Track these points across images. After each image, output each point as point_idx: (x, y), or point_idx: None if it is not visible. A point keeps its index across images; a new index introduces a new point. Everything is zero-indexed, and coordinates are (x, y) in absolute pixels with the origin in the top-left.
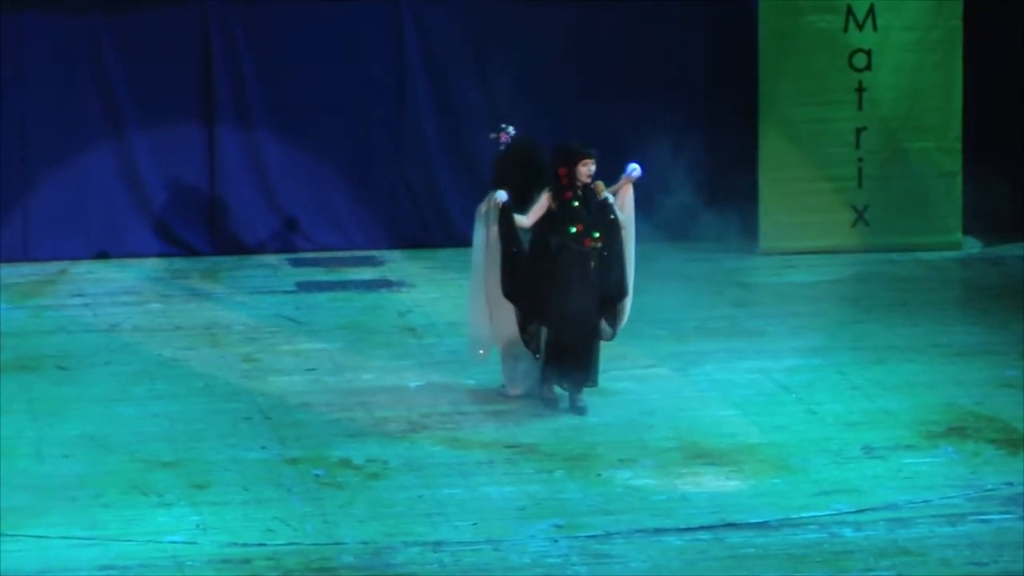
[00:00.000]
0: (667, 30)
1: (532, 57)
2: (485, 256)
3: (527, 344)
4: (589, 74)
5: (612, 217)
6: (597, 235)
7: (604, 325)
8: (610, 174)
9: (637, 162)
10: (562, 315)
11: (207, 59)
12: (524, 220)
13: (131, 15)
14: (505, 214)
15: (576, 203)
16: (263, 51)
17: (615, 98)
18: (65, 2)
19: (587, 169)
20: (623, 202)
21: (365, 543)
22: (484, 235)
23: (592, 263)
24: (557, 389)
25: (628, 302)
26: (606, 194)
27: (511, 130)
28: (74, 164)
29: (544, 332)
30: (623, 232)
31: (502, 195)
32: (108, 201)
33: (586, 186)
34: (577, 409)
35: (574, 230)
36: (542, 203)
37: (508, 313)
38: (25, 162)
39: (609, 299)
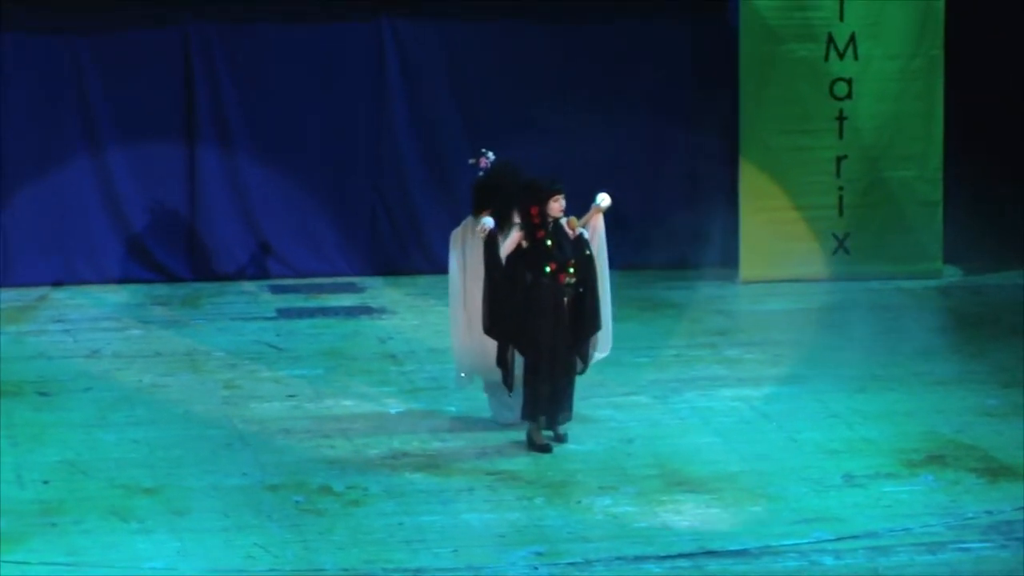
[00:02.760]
0: (648, 55)
1: (512, 81)
2: (461, 281)
3: (504, 380)
4: (569, 98)
5: (587, 253)
6: (572, 271)
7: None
8: (586, 199)
9: (606, 191)
10: (536, 351)
11: (188, 82)
12: (501, 252)
13: (112, 38)
14: (491, 242)
15: (549, 242)
16: (243, 74)
17: (595, 122)
18: (46, 24)
19: (558, 205)
20: (594, 232)
21: (345, 570)
22: (460, 260)
23: (566, 299)
24: (545, 432)
25: (608, 332)
26: (580, 229)
27: (491, 155)
28: (54, 189)
29: (519, 368)
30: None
31: (488, 222)
32: (88, 226)
33: (556, 221)
34: (557, 436)
35: (548, 269)
36: (513, 239)
37: (488, 341)
38: (4, 187)
39: (583, 333)
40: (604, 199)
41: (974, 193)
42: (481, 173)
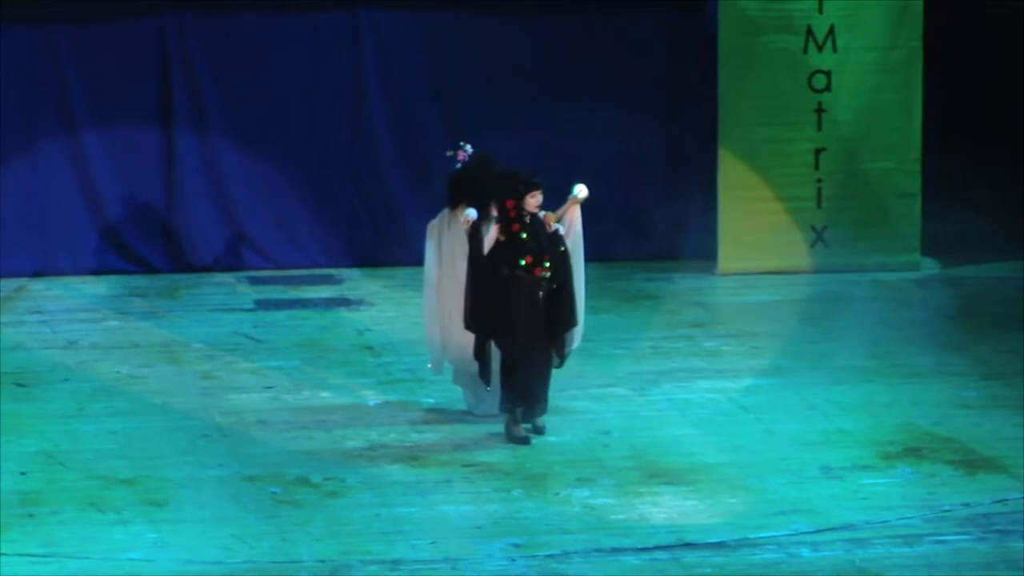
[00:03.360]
0: (628, 46)
1: (491, 72)
2: (436, 273)
3: (480, 373)
4: (548, 90)
5: (562, 249)
6: (547, 264)
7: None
8: (564, 190)
9: (583, 182)
10: (512, 343)
11: (165, 73)
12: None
13: (89, 27)
14: (475, 234)
15: (524, 235)
16: (221, 64)
17: (574, 114)
18: (24, 15)
19: (535, 200)
20: (571, 223)
21: (322, 561)
22: (436, 252)
23: (541, 293)
24: (524, 425)
25: (580, 325)
26: (556, 225)
27: (468, 148)
28: (31, 180)
29: (496, 362)
30: (571, 258)
31: (472, 213)
32: (66, 218)
33: (534, 216)
34: (535, 428)
35: (524, 262)
36: (493, 233)
37: (463, 333)
38: None
39: (558, 329)
40: (581, 190)
41: (953, 185)
42: (459, 165)
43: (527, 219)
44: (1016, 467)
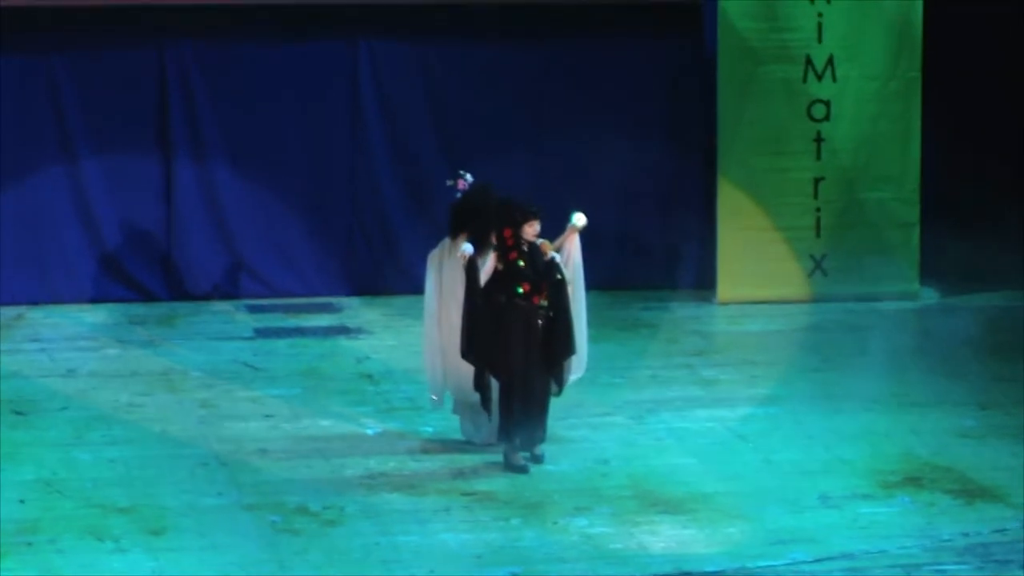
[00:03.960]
0: (627, 76)
1: (489, 101)
2: (437, 303)
3: (482, 403)
4: (546, 118)
5: (559, 277)
6: (545, 293)
7: (551, 382)
8: (563, 219)
9: (581, 209)
10: (510, 373)
11: (164, 101)
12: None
13: (88, 56)
14: (471, 268)
15: (522, 263)
16: (220, 93)
17: (573, 142)
18: (24, 44)
19: (532, 229)
20: (570, 251)
21: None
22: (436, 281)
23: (539, 321)
24: (522, 453)
25: (584, 352)
26: (552, 254)
27: (469, 177)
28: (30, 208)
29: (496, 391)
30: (570, 287)
31: (468, 248)
32: (64, 245)
33: (531, 244)
34: (533, 457)
35: (521, 291)
36: (491, 263)
37: (463, 362)
38: None
39: (555, 357)
40: (580, 218)
41: (951, 215)
42: (459, 195)
43: (524, 248)
44: (1015, 496)
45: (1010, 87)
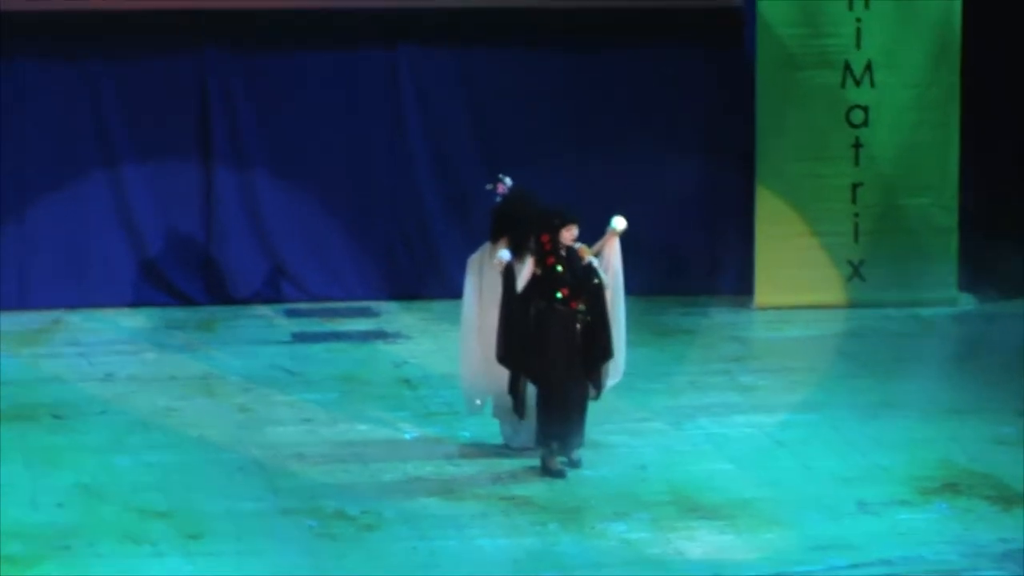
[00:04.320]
0: (666, 82)
1: (528, 107)
2: (477, 307)
3: (515, 408)
4: (586, 125)
5: (596, 281)
6: (583, 299)
7: (589, 386)
8: (603, 226)
9: (621, 215)
10: (548, 378)
11: (204, 108)
12: (518, 285)
13: (130, 64)
14: (508, 274)
15: (560, 268)
16: (260, 101)
17: (612, 149)
18: (65, 50)
19: (571, 234)
20: (610, 255)
21: None
22: (476, 285)
23: (578, 326)
24: (560, 459)
25: (622, 357)
26: (590, 258)
27: (508, 181)
28: (71, 212)
29: (532, 396)
30: (608, 292)
31: (505, 255)
32: (104, 250)
33: (570, 249)
34: (571, 462)
35: (560, 296)
36: (529, 268)
37: (500, 366)
38: (22, 210)
39: (594, 362)
40: (620, 222)
41: (990, 221)
42: (498, 199)
43: (562, 252)
44: None
45: None
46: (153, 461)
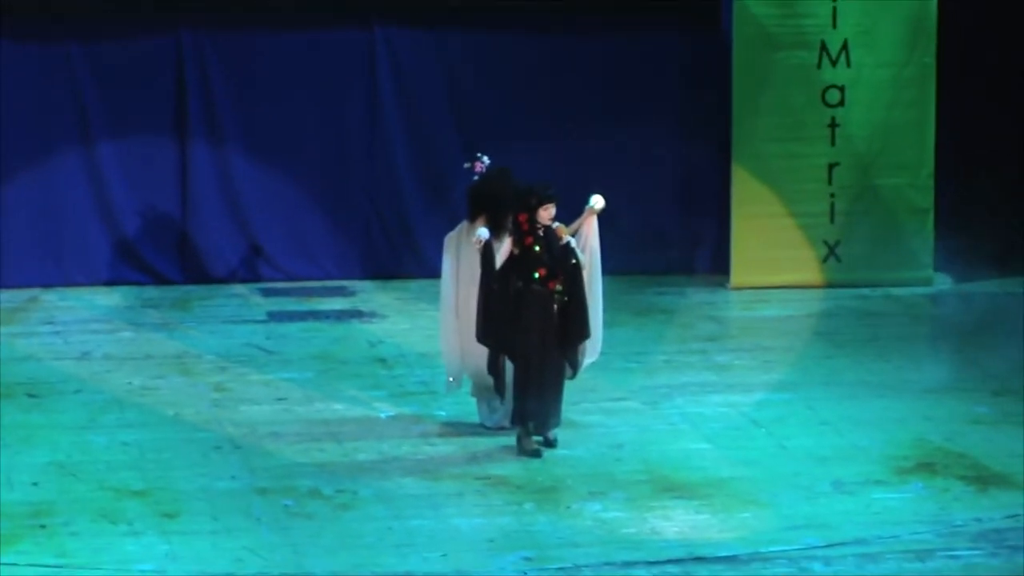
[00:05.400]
0: (642, 61)
1: (505, 88)
2: (454, 286)
3: (496, 388)
4: (562, 105)
5: (574, 262)
6: (560, 279)
7: (566, 366)
8: (581, 206)
9: (604, 194)
10: (526, 357)
11: (181, 87)
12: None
13: (106, 43)
14: (486, 253)
15: (538, 247)
16: (237, 81)
17: (588, 129)
18: (42, 31)
19: (548, 213)
20: (588, 234)
21: (334, 574)
22: (453, 264)
23: (555, 306)
24: (536, 438)
25: (599, 336)
26: (568, 238)
27: (486, 159)
28: (47, 192)
29: (509, 375)
30: (585, 271)
31: (484, 233)
32: (80, 229)
33: (547, 228)
34: (547, 442)
35: (537, 275)
36: (507, 246)
37: (479, 345)
38: None
39: (570, 341)
40: (598, 201)
41: (966, 201)
42: (476, 177)
43: (540, 232)
44: None
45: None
46: (128, 440)
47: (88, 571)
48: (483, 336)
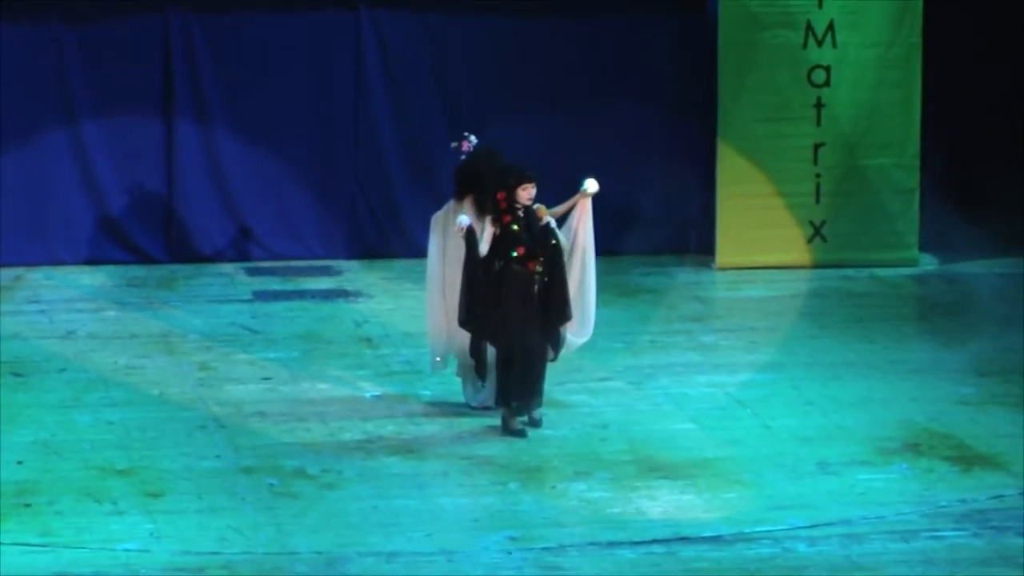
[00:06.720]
0: (629, 41)
1: (491, 67)
2: (440, 265)
3: (476, 371)
4: (548, 87)
5: (554, 242)
6: (540, 260)
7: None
8: (570, 187)
9: (585, 175)
10: (507, 339)
11: (167, 66)
12: (482, 248)
13: (93, 22)
14: (469, 238)
15: (516, 226)
16: (224, 61)
17: (574, 110)
18: (28, 11)
19: (527, 193)
20: (581, 216)
21: (319, 553)
22: (440, 244)
23: (535, 286)
24: (521, 418)
25: (591, 317)
26: (548, 218)
27: (473, 139)
28: (32, 170)
29: (491, 356)
30: (579, 253)
31: (464, 220)
32: (65, 208)
33: (527, 208)
34: (532, 421)
35: (515, 254)
36: (489, 230)
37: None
38: None
39: (552, 324)
40: (592, 185)
41: (951, 181)
42: (463, 157)
43: (519, 212)
44: (1013, 464)
45: (1012, 53)
46: (113, 419)
47: (72, 550)
48: (466, 321)
